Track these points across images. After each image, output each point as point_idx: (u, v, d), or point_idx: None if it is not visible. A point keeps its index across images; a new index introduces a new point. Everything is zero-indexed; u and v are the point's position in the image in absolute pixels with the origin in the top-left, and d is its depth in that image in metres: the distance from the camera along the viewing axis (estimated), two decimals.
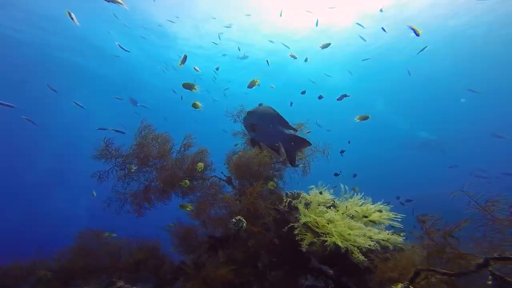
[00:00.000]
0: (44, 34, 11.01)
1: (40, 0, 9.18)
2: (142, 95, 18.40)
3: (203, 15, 10.56)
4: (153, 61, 15.05)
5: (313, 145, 3.22)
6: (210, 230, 2.98)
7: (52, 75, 14.87)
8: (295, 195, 4.31)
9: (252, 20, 10.90)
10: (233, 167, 3.04)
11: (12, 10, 9.07)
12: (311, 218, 2.37)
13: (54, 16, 10.17)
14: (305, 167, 3.35)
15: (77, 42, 12.20)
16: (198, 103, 2.60)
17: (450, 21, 12.00)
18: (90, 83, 17.02)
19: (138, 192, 3.16)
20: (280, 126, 2.25)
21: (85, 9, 9.92)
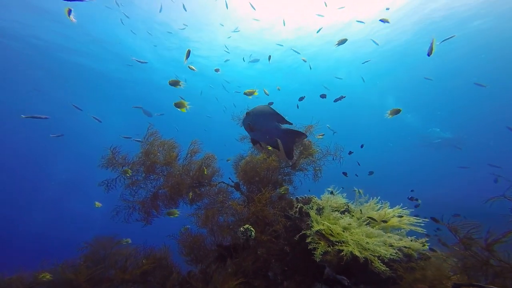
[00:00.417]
0: (59, 38, 11.41)
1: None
2: (156, 100, 18.76)
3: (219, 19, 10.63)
4: (169, 67, 15.41)
5: (324, 148, 3.07)
6: (218, 238, 2.88)
7: (66, 81, 15.37)
8: (306, 200, 4.14)
9: (263, 26, 10.94)
10: (240, 173, 2.95)
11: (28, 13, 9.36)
12: (324, 225, 2.22)
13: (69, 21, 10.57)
14: (316, 170, 3.20)
15: (93, 47, 12.57)
16: (184, 102, 2.58)
17: (462, 14, 11.50)
18: (106, 90, 17.49)
19: (146, 200, 3.12)
20: (276, 122, 2.28)
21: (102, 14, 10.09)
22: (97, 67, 14.32)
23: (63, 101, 17.67)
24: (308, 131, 3.16)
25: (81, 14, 10.00)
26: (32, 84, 14.80)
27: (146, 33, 11.29)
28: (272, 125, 2.30)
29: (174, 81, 2.44)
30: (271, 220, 2.44)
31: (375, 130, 28.33)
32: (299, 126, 3.20)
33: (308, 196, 4.17)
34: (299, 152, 3.29)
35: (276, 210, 2.47)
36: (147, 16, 10.50)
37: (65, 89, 16.27)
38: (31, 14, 9.42)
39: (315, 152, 3.14)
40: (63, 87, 15.98)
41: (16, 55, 12.01)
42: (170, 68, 15.14)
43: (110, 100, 18.97)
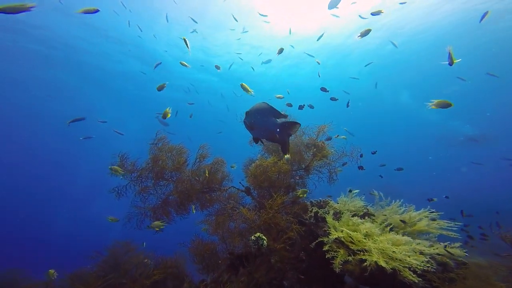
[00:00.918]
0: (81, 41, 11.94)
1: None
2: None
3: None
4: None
5: (339, 149, 2.89)
6: (230, 246, 2.77)
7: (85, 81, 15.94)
8: (322, 204, 3.93)
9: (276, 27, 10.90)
10: (250, 177, 2.83)
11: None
12: (343, 232, 2.04)
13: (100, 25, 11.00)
14: (331, 173, 3.02)
15: (113, 49, 13.03)
16: (168, 111, 2.62)
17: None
18: (125, 92, 17.95)
19: (156, 206, 3.08)
20: (273, 117, 2.32)
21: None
22: (118, 69, 14.66)
23: (85, 104, 18.48)
24: (321, 132, 2.99)
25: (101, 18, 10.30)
26: (52, 87, 15.45)
27: (165, 36, 11.49)
28: (269, 121, 2.33)
29: (161, 86, 2.51)
30: (284, 227, 2.29)
31: (391, 128, 27.15)
32: (311, 126, 3.04)
33: (323, 199, 3.96)
34: (312, 154, 3.12)
35: (290, 216, 2.31)
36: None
37: (86, 91, 16.92)
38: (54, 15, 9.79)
39: (329, 154, 2.96)
40: (84, 89, 16.65)
41: (36, 57, 12.62)
42: (192, 70, 15.31)
43: (130, 102, 19.44)
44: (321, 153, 2.90)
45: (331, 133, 3.02)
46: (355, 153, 2.81)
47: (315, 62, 12.46)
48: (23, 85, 15.63)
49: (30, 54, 12.45)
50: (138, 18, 10.48)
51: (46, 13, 9.64)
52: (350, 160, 2.93)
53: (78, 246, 15.09)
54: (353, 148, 2.81)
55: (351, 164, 3.01)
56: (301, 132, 3.36)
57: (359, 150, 2.79)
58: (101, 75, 15.24)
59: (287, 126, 2.39)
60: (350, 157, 2.83)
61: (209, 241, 2.65)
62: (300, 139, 3.32)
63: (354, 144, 2.81)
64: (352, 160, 2.85)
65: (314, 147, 3.08)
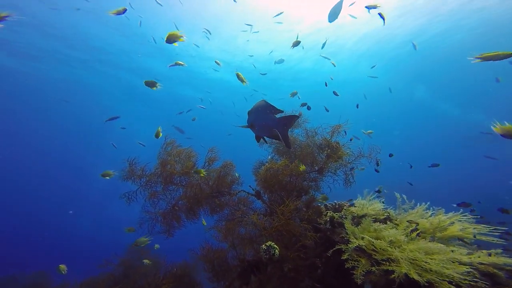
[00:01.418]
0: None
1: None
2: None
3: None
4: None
5: (356, 150, 2.70)
6: (241, 252, 2.65)
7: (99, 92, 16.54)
8: (337, 207, 3.73)
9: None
10: (261, 181, 2.71)
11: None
12: (365, 240, 1.86)
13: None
14: (347, 175, 2.83)
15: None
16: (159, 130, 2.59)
17: None
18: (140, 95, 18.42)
19: (166, 211, 3.03)
20: (272, 113, 2.34)
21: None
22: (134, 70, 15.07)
23: (100, 108, 19.20)
24: (336, 132, 2.82)
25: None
26: (71, 90, 16.08)
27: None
28: (268, 117, 2.36)
29: (150, 82, 2.40)
30: (298, 234, 2.14)
31: (405, 124, 25.95)
32: (324, 126, 2.88)
33: (338, 202, 3.75)
34: (326, 155, 2.95)
35: (304, 223, 2.16)
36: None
37: (102, 95, 17.48)
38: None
39: (344, 155, 2.78)
40: (103, 93, 17.22)
41: (53, 58, 13.22)
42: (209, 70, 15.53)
43: (143, 105, 19.91)
44: (336, 155, 2.73)
45: (347, 132, 2.83)
46: (373, 153, 2.61)
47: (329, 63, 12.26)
48: (43, 89, 16.45)
49: (49, 55, 13.02)
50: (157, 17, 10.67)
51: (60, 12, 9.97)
52: (368, 161, 2.73)
53: (96, 249, 15.55)
54: (371, 149, 2.61)
55: (369, 166, 2.81)
56: (313, 133, 3.20)
57: (378, 150, 2.58)
58: (118, 78, 15.63)
59: (286, 119, 2.39)
60: (368, 157, 2.64)
61: (219, 248, 2.54)
62: (313, 140, 3.16)
63: (372, 144, 2.62)
64: (370, 161, 2.65)
65: (328, 148, 2.91)
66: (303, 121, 3.53)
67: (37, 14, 9.64)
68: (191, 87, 17.42)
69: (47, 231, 22.60)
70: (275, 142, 3.54)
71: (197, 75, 15.84)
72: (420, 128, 26.04)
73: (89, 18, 10.35)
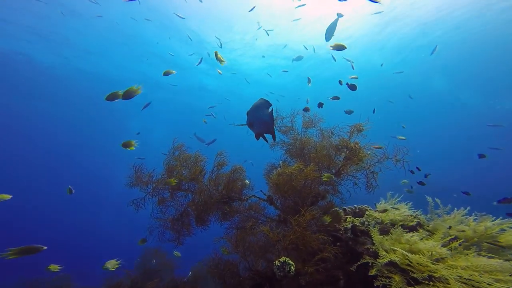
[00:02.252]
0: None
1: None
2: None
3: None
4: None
5: (381, 151, 2.41)
6: (252, 262, 2.47)
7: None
8: (358, 212, 3.43)
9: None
10: (272, 187, 2.51)
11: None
12: (398, 253, 1.59)
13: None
14: (369, 178, 2.54)
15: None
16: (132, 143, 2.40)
17: None
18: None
19: (175, 218, 2.93)
20: (267, 109, 2.34)
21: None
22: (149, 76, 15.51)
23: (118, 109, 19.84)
24: (355, 132, 2.53)
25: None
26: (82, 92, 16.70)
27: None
28: (264, 113, 2.36)
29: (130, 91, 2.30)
30: (316, 247, 1.91)
31: (424, 117, 24.16)
32: (343, 125, 2.61)
33: (359, 206, 3.44)
34: (344, 157, 2.68)
35: (322, 235, 1.92)
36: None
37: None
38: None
39: (365, 157, 2.49)
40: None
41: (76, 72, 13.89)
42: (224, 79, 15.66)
43: (156, 110, 20.38)
44: (356, 157, 2.45)
45: (368, 133, 2.53)
46: (399, 155, 2.30)
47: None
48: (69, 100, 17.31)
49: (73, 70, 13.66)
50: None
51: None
52: (390, 163, 2.43)
53: (116, 250, 16.12)
54: (397, 149, 2.30)
55: (393, 168, 2.50)
56: (330, 133, 2.93)
57: (405, 151, 2.27)
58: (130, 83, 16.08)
59: (271, 113, 2.38)
60: (393, 160, 2.33)
61: (229, 259, 2.38)
62: (329, 141, 2.90)
63: (398, 144, 2.31)
64: (395, 163, 2.34)
65: (346, 149, 2.63)
66: (317, 120, 3.27)
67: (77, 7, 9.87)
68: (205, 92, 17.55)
69: (69, 233, 23.85)
70: (286, 143, 3.32)
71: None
72: (440, 120, 24.16)
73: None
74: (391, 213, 2.80)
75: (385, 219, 2.79)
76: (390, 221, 2.73)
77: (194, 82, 16.36)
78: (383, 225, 2.83)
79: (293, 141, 3.31)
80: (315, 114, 3.30)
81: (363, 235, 2.63)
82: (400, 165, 2.32)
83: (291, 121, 3.32)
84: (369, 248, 2.10)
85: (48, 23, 10.25)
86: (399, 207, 2.91)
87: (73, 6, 9.52)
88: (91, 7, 9.39)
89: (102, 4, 9.25)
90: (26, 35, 10.79)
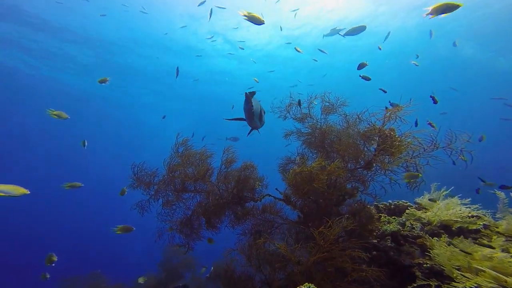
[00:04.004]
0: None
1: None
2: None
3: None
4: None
5: (427, 139, 1.87)
6: (268, 273, 2.13)
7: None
8: (392, 208, 2.92)
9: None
10: (289, 187, 2.10)
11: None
12: (486, 277, 1.12)
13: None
14: (409, 175, 2.02)
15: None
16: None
17: None
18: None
19: (183, 223, 2.67)
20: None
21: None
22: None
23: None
24: (391, 117, 2.00)
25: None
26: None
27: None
28: (256, 103, 2.30)
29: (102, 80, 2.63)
30: (348, 268, 1.49)
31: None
32: (374, 110, 2.09)
33: (394, 202, 2.92)
34: (377, 147, 2.17)
35: (357, 251, 1.49)
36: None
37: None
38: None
39: (404, 148, 1.96)
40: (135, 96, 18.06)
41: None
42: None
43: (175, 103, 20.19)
44: (394, 147, 1.93)
45: (409, 118, 1.98)
46: (454, 143, 1.74)
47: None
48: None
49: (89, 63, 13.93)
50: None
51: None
52: (444, 154, 1.87)
53: (139, 250, 16.79)
54: (450, 136, 1.75)
55: (443, 157, 1.94)
56: (356, 119, 2.42)
57: (465, 138, 1.71)
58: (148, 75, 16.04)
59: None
60: (446, 149, 1.78)
61: (243, 272, 2.06)
62: (355, 128, 2.39)
63: (451, 129, 1.75)
64: (448, 154, 1.79)
65: (380, 138, 2.11)
66: (340, 104, 2.75)
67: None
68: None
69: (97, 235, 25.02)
70: (304, 134, 2.85)
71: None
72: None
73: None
74: (442, 212, 2.26)
75: (433, 220, 2.26)
76: (440, 222, 2.20)
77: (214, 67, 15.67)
78: (431, 227, 2.31)
79: (312, 130, 2.84)
80: (337, 97, 2.77)
81: (406, 241, 2.14)
82: (457, 154, 1.76)
83: (308, 106, 2.83)
84: (422, 263, 1.63)
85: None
86: (449, 203, 2.35)
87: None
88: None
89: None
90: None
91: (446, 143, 1.75)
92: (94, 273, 6.05)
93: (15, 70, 14.15)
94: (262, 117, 2.52)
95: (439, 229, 2.18)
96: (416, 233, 2.12)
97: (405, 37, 12.54)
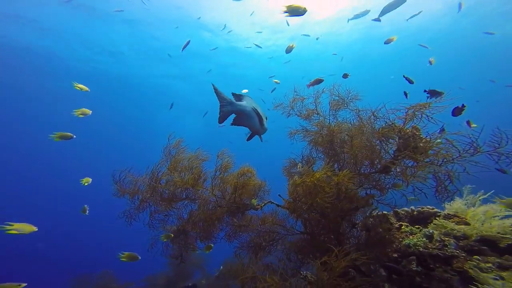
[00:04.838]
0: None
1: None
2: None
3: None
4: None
5: (463, 140, 1.47)
6: None
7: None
8: (415, 215, 2.50)
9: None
10: (291, 197, 1.78)
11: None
12: None
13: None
14: (439, 179, 1.64)
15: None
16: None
17: None
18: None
19: (175, 232, 2.43)
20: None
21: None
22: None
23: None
24: (414, 115, 1.61)
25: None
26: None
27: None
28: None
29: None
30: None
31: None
32: (393, 107, 1.71)
33: (419, 208, 2.51)
34: (396, 148, 1.79)
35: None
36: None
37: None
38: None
39: (430, 148, 1.58)
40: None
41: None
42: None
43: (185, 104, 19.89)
44: (421, 148, 1.54)
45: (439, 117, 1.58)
46: (505, 146, 1.34)
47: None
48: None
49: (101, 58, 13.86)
50: None
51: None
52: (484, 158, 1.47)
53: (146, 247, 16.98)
54: (499, 136, 1.35)
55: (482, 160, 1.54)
56: (371, 117, 2.04)
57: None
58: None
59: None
60: (492, 154, 1.38)
61: None
62: (371, 127, 2.02)
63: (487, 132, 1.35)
64: (497, 159, 1.40)
65: (400, 138, 1.73)
66: (351, 98, 2.37)
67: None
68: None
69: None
70: (312, 132, 2.50)
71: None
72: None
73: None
74: (482, 223, 1.85)
75: (471, 234, 1.86)
76: (480, 236, 1.80)
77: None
78: (467, 242, 1.91)
79: (319, 128, 2.49)
80: (347, 90, 2.39)
81: (437, 261, 1.76)
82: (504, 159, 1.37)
83: (314, 102, 2.48)
84: None
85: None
86: (490, 210, 1.93)
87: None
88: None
89: None
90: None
91: (492, 146, 1.35)
92: (105, 271, 6.11)
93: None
94: (262, 120, 2.25)
95: (480, 245, 1.77)
96: (449, 251, 1.73)
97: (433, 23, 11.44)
